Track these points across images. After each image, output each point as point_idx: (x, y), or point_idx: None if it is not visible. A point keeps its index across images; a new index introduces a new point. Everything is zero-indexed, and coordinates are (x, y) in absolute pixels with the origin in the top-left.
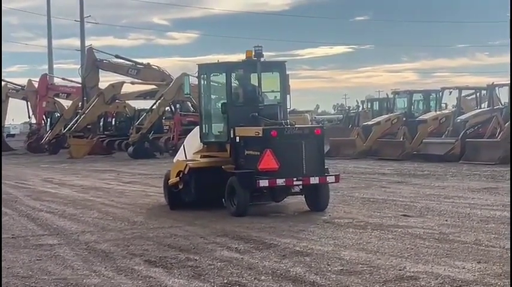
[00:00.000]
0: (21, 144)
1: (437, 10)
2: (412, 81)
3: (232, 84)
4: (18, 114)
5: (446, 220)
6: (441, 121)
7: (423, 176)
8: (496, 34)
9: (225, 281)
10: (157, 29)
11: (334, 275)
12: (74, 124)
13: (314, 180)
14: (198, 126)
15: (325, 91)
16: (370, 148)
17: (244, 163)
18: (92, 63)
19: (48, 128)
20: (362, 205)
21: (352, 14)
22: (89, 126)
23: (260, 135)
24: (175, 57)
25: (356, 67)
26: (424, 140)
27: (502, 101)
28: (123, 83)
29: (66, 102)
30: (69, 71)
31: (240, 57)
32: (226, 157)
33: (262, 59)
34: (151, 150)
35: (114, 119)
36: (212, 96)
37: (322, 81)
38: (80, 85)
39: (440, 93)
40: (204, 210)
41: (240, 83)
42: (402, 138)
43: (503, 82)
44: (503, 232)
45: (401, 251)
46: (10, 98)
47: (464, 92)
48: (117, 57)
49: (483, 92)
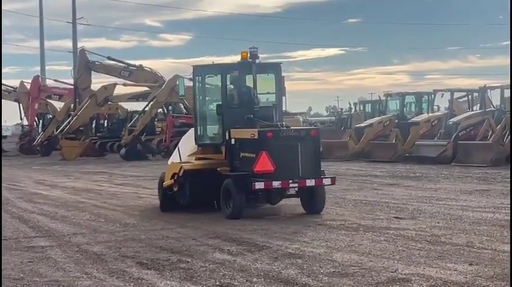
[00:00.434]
0: (13, 146)
1: (429, 12)
2: (405, 84)
3: (227, 86)
4: (10, 116)
5: (438, 222)
6: (433, 123)
7: (415, 178)
8: (488, 36)
9: (217, 283)
10: (149, 31)
11: (326, 278)
12: (66, 126)
13: (310, 182)
14: (193, 128)
15: (318, 93)
16: (362, 150)
17: (240, 165)
18: (84, 65)
19: (40, 129)
20: (354, 207)
21: (344, 16)
22: (81, 128)
23: (256, 137)
24: (168, 59)
25: (348, 69)
26: (416, 142)
27: (494, 103)
28: (115, 84)
29: (59, 104)
30: (61, 73)
31: (232, 59)
32: (222, 159)
33: (257, 61)
34: (143, 152)
35: (106, 121)
36: (207, 98)
37: (315, 83)
38: (72, 87)
39: (433, 96)
40: (196, 212)
41: (235, 85)
42: (394, 141)
43: (495, 84)
44: (495, 234)
45: (393, 253)
46: (2, 99)
47: (456, 94)
48: (110, 58)
49: (475, 94)
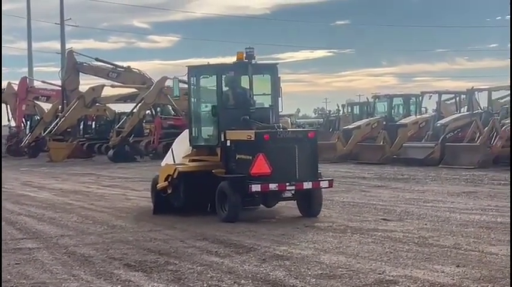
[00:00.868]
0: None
1: (418, 15)
2: (393, 86)
3: (222, 87)
4: None
5: (426, 224)
6: (421, 125)
7: (403, 180)
8: (476, 39)
9: (205, 285)
10: (137, 32)
11: (313, 279)
12: (53, 127)
13: (307, 185)
14: (187, 129)
15: (306, 95)
16: (350, 152)
17: (236, 167)
18: (72, 66)
19: (27, 131)
20: (342, 208)
21: (332, 18)
22: (69, 129)
23: (252, 139)
24: (156, 60)
25: (337, 71)
26: (404, 144)
27: (481, 105)
28: (103, 86)
29: (46, 105)
30: (49, 74)
31: (221, 61)
32: (217, 161)
33: (253, 61)
34: (131, 153)
35: (94, 123)
36: (202, 99)
37: (303, 85)
38: (60, 88)
39: (420, 98)
40: (184, 214)
41: (231, 86)
42: (382, 143)
43: (483, 87)
44: (482, 236)
45: (380, 255)
46: None
47: (444, 96)
48: (98, 60)
49: (463, 96)
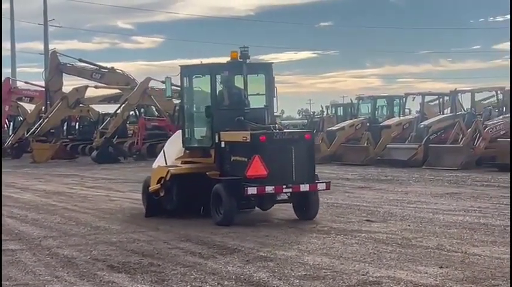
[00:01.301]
0: None
1: (402, 17)
2: (376, 87)
3: (216, 87)
4: None
5: (409, 225)
6: (404, 127)
7: (386, 181)
8: (459, 41)
9: (188, 286)
10: (121, 33)
11: (297, 280)
12: (37, 128)
13: (304, 187)
14: (179, 130)
15: (290, 96)
16: (334, 153)
17: (230, 170)
18: (56, 67)
19: (10, 132)
20: (326, 209)
21: (316, 19)
22: (52, 130)
23: (248, 140)
24: (140, 61)
25: (321, 72)
26: (388, 145)
27: (465, 107)
28: (87, 87)
29: (30, 106)
30: (32, 75)
31: (207, 62)
32: (211, 163)
33: (248, 61)
34: (115, 154)
35: (77, 123)
36: (195, 99)
37: (287, 87)
38: (43, 89)
39: (404, 99)
40: (168, 215)
41: (225, 86)
42: (366, 144)
43: (466, 88)
44: (466, 237)
45: (364, 256)
46: None
47: (428, 97)
48: (81, 61)
49: (446, 98)
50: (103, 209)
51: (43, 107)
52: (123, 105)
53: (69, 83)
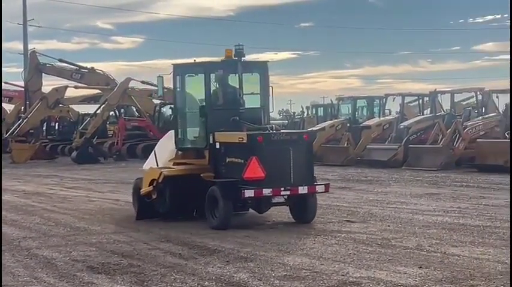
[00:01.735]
0: None
1: (381, 17)
2: (356, 88)
3: (211, 86)
4: None
5: (389, 226)
6: (384, 127)
7: (366, 182)
8: (439, 42)
9: None
10: (101, 33)
11: (277, 281)
12: (16, 128)
13: (303, 189)
14: (171, 131)
15: None
16: (314, 154)
17: (226, 171)
18: (35, 67)
19: None
20: None
21: (296, 20)
22: (32, 130)
23: (244, 141)
24: (120, 61)
25: (301, 73)
26: (368, 146)
27: (444, 107)
28: (66, 87)
29: (9, 107)
30: (11, 75)
31: (185, 62)
32: (205, 165)
33: (243, 59)
34: (95, 155)
35: (57, 124)
36: (188, 98)
37: None
38: (22, 89)
39: (384, 100)
40: (149, 216)
41: (220, 85)
42: (346, 144)
43: (446, 89)
44: (445, 237)
45: (344, 256)
46: None
47: (407, 98)
48: (61, 61)
49: (426, 98)
50: (82, 210)
51: (22, 107)
52: (103, 106)
53: (49, 83)
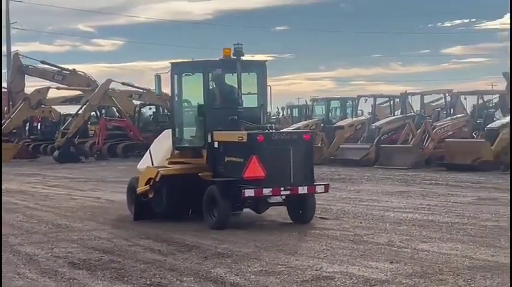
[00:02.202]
0: None
1: (354, 22)
2: (330, 89)
3: (209, 85)
4: None
5: (361, 222)
6: (357, 127)
7: (340, 180)
8: (409, 45)
9: (148, 282)
10: (82, 36)
11: (253, 276)
12: None
13: (302, 189)
14: (166, 130)
15: None
16: None
17: (224, 171)
18: (18, 69)
19: None
20: (281, 208)
21: (272, 24)
22: (15, 130)
23: (244, 140)
24: (101, 63)
25: (276, 75)
26: (341, 145)
27: (414, 108)
28: (48, 88)
29: None
30: None
31: (165, 64)
32: (202, 164)
33: (242, 58)
34: (76, 154)
35: (39, 124)
36: (186, 97)
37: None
38: (5, 90)
39: (356, 101)
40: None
41: (218, 84)
42: (320, 144)
43: (416, 91)
44: (415, 234)
45: (318, 252)
46: None
47: (379, 100)
48: (43, 63)
49: (396, 100)
50: (64, 208)
51: (5, 108)
52: (85, 106)
53: (31, 85)
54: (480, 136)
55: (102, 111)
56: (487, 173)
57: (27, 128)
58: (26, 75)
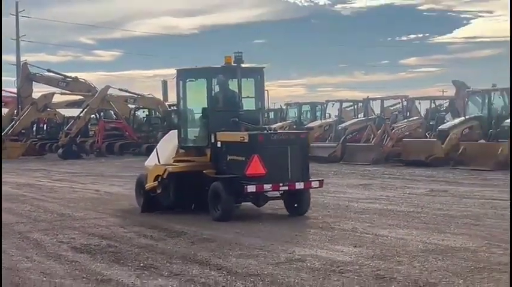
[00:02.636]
0: None
1: (322, 35)
2: (301, 95)
3: (212, 90)
4: None
5: (329, 211)
6: (325, 128)
7: (310, 175)
8: (370, 56)
9: (141, 264)
10: (84, 47)
11: (234, 259)
12: (10, 129)
13: (299, 185)
14: (172, 131)
15: None
16: None
17: (227, 168)
18: (26, 77)
19: None
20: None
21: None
22: (23, 131)
23: (246, 140)
24: (100, 71)
25: None
26: (311, 144)
27: (375, 112)
28: (53, 93)
29: (3, 110)
30: (6, 83)
31: (158, 73)
32: (206, 162)
33: (242, 65)
34: (78, 152)
35: (45, 125)
36: (191, 101)
37: None
38: (15, 95)
39: (325, 105)
40: (123, 205)
41: (220, 89)
42: None
43: (376, 96)
44: (376, 221)
45: (291, 237)
46: None
47: (344, 104)
48: (49, 71)
49: (360, 104)
50: (67, 199)
51: (15, 111)
52: (86, 110)
53: (38, 90)
54: (432, 136)
55: (101, 114)
56: (438, 168)
57: (34, 128)
58: (33, 82)
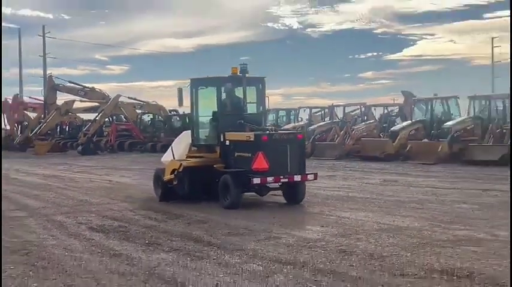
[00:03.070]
0: None
1: (295, 53)
2: (278, 102)
3: (221, 96)
4: None
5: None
6: (298, 130)
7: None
8: (335, 70)
9: (147, 241)
10: (99, 63)
11: (223, 237)
12: (38, 130)
13: (297, 178)
14: (185, 131)
15: None
16: None
17: (234, 163)
18: (52, 87)
19: (19, 132)
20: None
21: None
22: (49, 131)
23: (251, 139)
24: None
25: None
26: None
27: (339, 116)
28: (74, 101)
29: (33, 114)
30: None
31: (161, 84)
32: (216, 158)
33: (246, 75)
34: (94, 149)
35: (67, 127)
36: (203, 105)
37: None
38: (42, 102)
39: (297, 111)
40: (134, 191)
41: (228, 95)
42: None
43: (340, 103)
44: (338, 206)
45: (270, 219)
46: None
47: (314, 110)
48: (70, 82)
49: (326, 110)
50: (86, 188)
51: (42, 115)
52: (101, 114)
53: (61, 98)
54: (385, 136)
55: (114, 117)
56: (390, 162)
57: (58, 130)
58: (57, 92)
